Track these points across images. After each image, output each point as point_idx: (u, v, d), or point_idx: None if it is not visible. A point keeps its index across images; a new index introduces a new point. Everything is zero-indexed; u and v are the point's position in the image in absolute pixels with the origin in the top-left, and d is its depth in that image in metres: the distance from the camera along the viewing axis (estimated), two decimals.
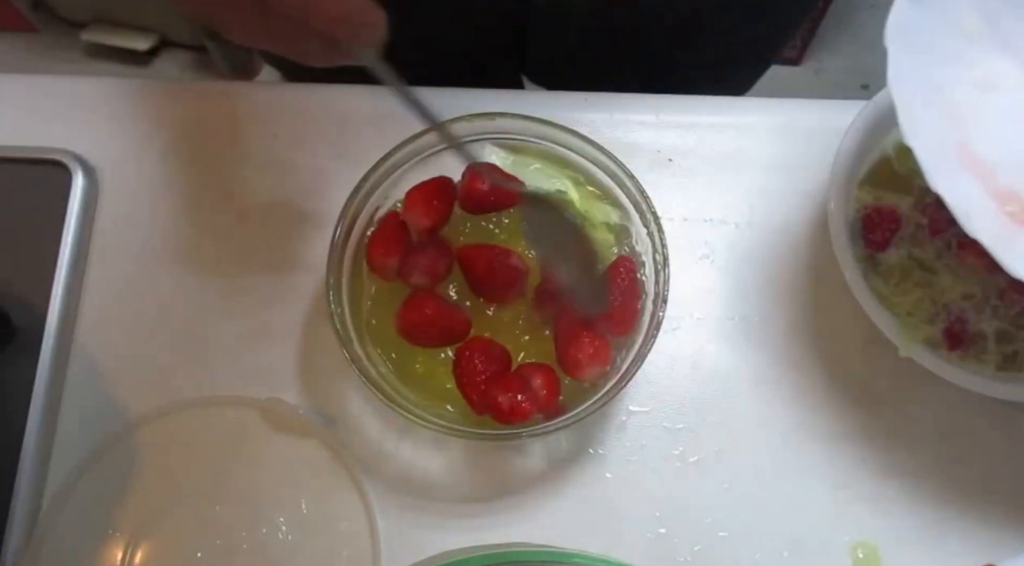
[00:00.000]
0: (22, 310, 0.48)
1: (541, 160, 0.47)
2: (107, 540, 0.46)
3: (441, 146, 0.46)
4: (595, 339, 0.43)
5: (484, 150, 0.47)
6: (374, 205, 0.46)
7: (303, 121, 0.53)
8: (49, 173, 0.50)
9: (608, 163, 0.45)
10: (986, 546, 0.47)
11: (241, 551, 0.46)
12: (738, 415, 0.49)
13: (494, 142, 0.47)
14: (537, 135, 0.46)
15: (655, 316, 0.43)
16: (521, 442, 0.48)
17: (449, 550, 0.46)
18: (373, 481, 0.47)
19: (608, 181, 0.46)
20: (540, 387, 0.42)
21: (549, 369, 0.43)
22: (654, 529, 0.47)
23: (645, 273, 0.45)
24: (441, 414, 0.43)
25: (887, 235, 0.48)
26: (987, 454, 0.48)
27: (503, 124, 0.46)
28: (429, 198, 0.45)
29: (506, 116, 0.45)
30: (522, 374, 0.43)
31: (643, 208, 0.45)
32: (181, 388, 0.48)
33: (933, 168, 0.37)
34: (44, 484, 0.47)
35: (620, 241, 0.47)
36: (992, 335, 0.47)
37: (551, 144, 0.47)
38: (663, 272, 0.43)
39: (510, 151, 0.47)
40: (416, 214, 0.45)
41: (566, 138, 0.46)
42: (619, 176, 0.45)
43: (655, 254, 0.44)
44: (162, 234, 0.51)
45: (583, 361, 0.42)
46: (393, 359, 0.45)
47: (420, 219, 0.45)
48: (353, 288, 0.45)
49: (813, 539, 0.47)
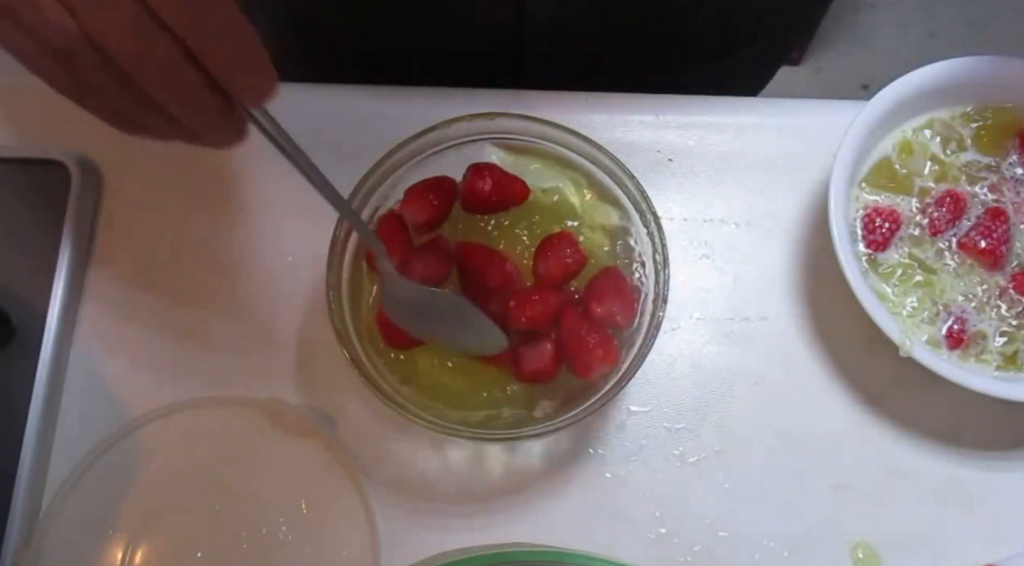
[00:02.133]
0: (22, 310, 0.48)
1: (541, 160, 0.47)
2: (107, 540, 0.46)
3: (443, 146, 0.46)
4: (603, 340, 0.43)
5: (484, 150, 0.47)
6: (374, 205, 0.46)
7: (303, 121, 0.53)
8: (49, 173, 0.50)
9: (608, 163, 0.45)
10: (986, 546, 0.47)
11: (241, 551, 0.46)
12: (738, 415, 0.49)
13: (494, 142, 0.47)
14: (537, 135, 0.46)
15: (655, 316, 0.43)
16: (520, 442, 0.48)
17: (449, 550, 0.46)
18: (373, 481, 0.47)
19: (608, 181, 0.46)
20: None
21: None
22: (654, 529, 0.47)
23: (645, 273, 0.45)
24: (440, 414, 0.43)
25: (887, 235, 0.48)
26: (987, 454, 0.48)
27: (503, 124, 0.46)
28: (426, 193, 0.45)
29: (506, 116, 0.45)
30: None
31: (643, 208, 0.45)
32: (181, 388, 0.48)
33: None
34: (44, 484, 0.47)
35: (617, 242, 0.46)
36: (992, 335, 0.47)
37: (551, 144, 0.47)
38: (663, 272, 0.43)
39: (510, 151, 0.47)
40: (412, 209, 0.45)
41: (566, 138, 0.46)
42: (619, 176, 0.45)
43: (655, 254, 0.44)
44: (162, 234, 0.51)
45: (593, 362, 0.43)
46: (392, 359, 0.45)
47: (416, 214, 0.45)
48: (353, 288, 0.45)
49: (813, 539, 0.47)
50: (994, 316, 0.47)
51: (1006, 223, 0.48)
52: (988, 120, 0.50)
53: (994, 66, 0.49)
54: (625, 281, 0.45)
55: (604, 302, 0.44)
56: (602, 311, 0.43)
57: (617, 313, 0.44)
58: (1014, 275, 0.48)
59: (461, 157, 0.47)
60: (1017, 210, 0.49)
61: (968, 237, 0.48)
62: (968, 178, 0.49)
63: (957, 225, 0.48)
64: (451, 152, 0.46)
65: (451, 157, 0.47)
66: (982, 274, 0.48)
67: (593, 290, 0.44)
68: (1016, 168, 0.49)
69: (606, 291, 0.44)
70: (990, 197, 0.49)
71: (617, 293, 0.44)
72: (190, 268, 0.51)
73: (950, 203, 0.48)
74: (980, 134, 0.50)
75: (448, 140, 0.46)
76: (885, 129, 0.49)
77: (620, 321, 0.44)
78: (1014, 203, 0.49)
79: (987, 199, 0.49)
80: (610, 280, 0.45)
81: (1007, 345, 0.47)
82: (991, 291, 0.47)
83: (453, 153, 0.47)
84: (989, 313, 0.47)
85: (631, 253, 0.46)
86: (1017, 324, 0.47)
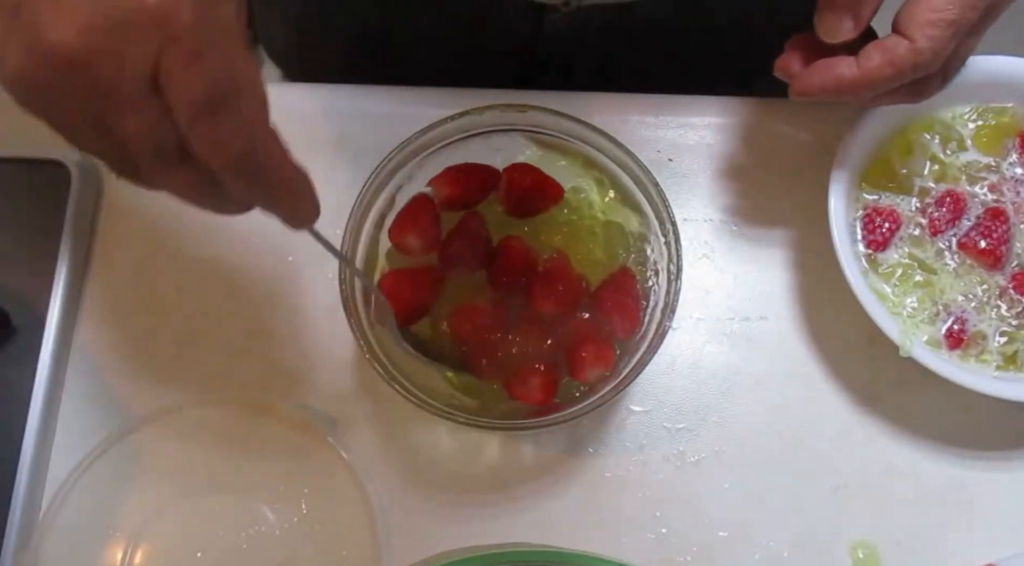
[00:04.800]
0: (22, 310, 0.48)
1: (568, 158, 0.47)
2: (107, 540, 0.46)
3: (472, 132, 0.46)
4: (600, 345, 0.43)
5: (514, 142, 0.47)
6: (397, 183, 0.46)
7: (303, 121, 0.53)
8: (49, 173, 0.50)
9: (634, 168, 0.45)
10: (986, 546, 0.47)
11: (241, 551, 0.46)
12: (738, 415, 0.49)
13: (524, 135, 0.47)
14: (566, 132, 0.46)
15: (661, 325, 0.42)
16: (516, 438, 0.48)
17: (449, 550, 0.46)
18: (374, 481, 0.47)
19: (632, 186, 0.46)
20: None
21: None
22: (654, 529, 0.47)
23: (658, 282, 0.45)
24: (454, 404, 0.43)
25: (887, 235, 0.48)
26: (987, 454, 0.48)
27: (534, 118, 0.46)
28: (459, 172, 0.46)
29: (538, 110, 0.45)
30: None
31: (663, 216, 0.44)
32: (181, 388, 0.48)
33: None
34: (44, 484, 0.47)
35: (632, 248, 0.46)
36: (992, 335, 0.47)
37: (579, 142, 0.46)
38: (675, 283, 0.43)
39: (539, 146, 0.47)
40: (440, 183, 0.45)
41: (595, 138, 0.45)
42: (643, 182, 0.45)
43: (669, 263, 0.44)
44: (162, 234, 0.51)
45: (586, 366, 0.43)
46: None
47: (443, 187, 0.45)
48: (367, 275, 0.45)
49: (813, 539, 0.47)
50: (994, 316, 0.47)
51: (1006, 223, 0.48)
52: (988, 120, 0.50)
53: (994, 66, 0.49)
54: (635, 289, 0.45)
55: (608, 313, 0.44)
56: (605, 320, 0.44)
57: (619, 327, 0.44)
58: (1014, 275, 0.48)
59: (488, 146, 0.46)
60: (1017, 210, 0.49)
61: (968, 237, 0.48)
62: (968, 178, 0.49)
63: (957, 225, 0.48)
64: (479, 140, 0.46)
65: (479, 145, 0.46)
66: (982, 274, 0.48)
67: (601, 297, 0.45)
68: (1016, 168, 0.49)
69: (612, 302, 0.44)
70: (990, 197, 0.49)
71: (622, 306, 0.44)
72: (190, 268, 0.51)
73: (950, 203, 0.48)
74: (980, 134, 0.50)
75: (478, 127, 0.46)
76: (885, 129, 0.49)
77: (621, 334, 0.44)
78: (1014, 203, 0.49)
79: (987, 199, 0.49)
80: (620, 289, 0.45)
81: (1007, 345, 0.47)
82: (991, 291, 0.47)
83: (481, 141, 0.46)
84: (989, 313, 0.47)
85: (646, 261, 0.46)
86: (1017, 324, 0.47)
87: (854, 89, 0.40)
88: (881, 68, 0.39)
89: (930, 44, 0.38)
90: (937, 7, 0.38)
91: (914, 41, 0.38)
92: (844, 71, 0.40)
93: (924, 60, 0.38)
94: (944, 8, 0.38)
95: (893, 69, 0.39)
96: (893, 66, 0.39)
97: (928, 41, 0.38)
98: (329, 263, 0.50)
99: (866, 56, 0.40)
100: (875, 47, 0.40)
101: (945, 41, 0.38)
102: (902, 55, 0.38)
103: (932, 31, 0.38)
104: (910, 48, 0.38)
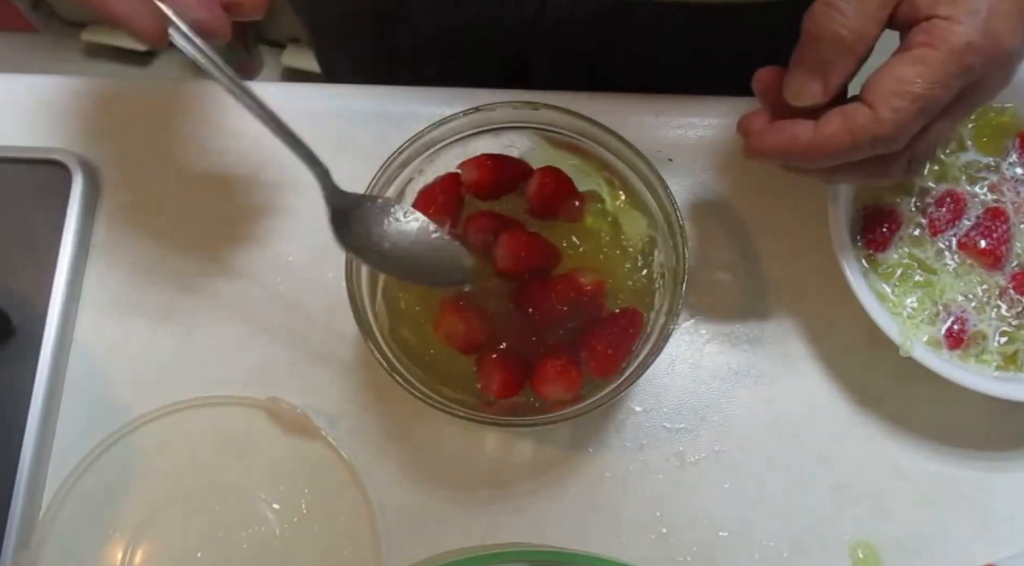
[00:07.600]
0: (22, 310, 0.48)
1: (580, 158, 0.47)
2: (107, 540, 0.46)
3: (484, 128, 0.46)
4: (568, 365, 0.42)
5: (525, 140, 0.47)
6: (407, 176, 0.46)
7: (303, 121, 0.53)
8: (49, 173, 0.50)
9: (645, 170, 0.45)
10: (986, 546, 0.47)
11: (241, 551, 0.46)
12: (738, 415, 0.49)
13: (535, 133, 0.47)
14: (578, 131, 0.46)
15: (666, 328, 0.42)
16: (516, 436, 0.48)
17: (449, 550, 0.46)
18: (374, 481, 0.47)
19: (642, 188, 0.46)
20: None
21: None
22: (654, 529, 0.47)
23: (664, 285, 0.45)
24: (457, 399, 0.43)
25: (887, 235, 0.48)
26: (987, 454, 0.48)
27: (547, 116, 0.46)
28: (492, 159, 0.46)
29: (550, 108, 0.45)
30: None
31: (672, 220, 0.44)
32: (181, 388, 0.48)
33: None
34: (44, 484, 0.47)
35: (639, 256, 0.46)
36: (992, 335, 0.47)
37: (591, 142, 0.46)
38: (680, 287, 0.43)
39: (551, 144, 0.47)
40: (471, 166, 0.45)
41: (606, 138, 0.45)
42: (653, 184, 0.45)
43: (677, 268, 0.44)
44: (162, 234, 0.51)
45: (549, 380, 0.42)
46: (409, 343, 0.44)
47: (473, 171, 0.45)
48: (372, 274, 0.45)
49: (813, 539, 0.47)
50: (994, 316, 0.47)
51: (1006, 223, 0.48)
52: (988, 120, 0.50)
53: None
54: (632, 336, 0.44)
55: (589, 351, 0.43)
56: (584, 356, 0.43)
57: (595, 368, 0.43)
58: (1014, 275, 0.48)
59: (499, 143, 0.47)
60: (1017, 210, 0.49)
61: (968, 237, 0.48)
62: (968, 178, 0.49)
63: (957, 225, 0.48)
64: (490, 136, 0.47)
65: (489, 141, 0.47)
66: (982, 274, 0.48)
67: (591, 335, 0.43)
68: (1016, 168, 0.49)
69: (599, 343, 0.43)
70: (990, 197, 0.49)
71: (607, 352, 0.43)
72: (189, 268, 0.51)
73: (950, 203, 0.48)
74: (980, 134, 0.50)
75: (490, 123, 0.46)
76: None
77: (596, 373, 0.43)
78: (1014, 203, 0.49)
79: (987, 199, 0.49)
80: (616, 329, 0.44)
81: (1007, 345, 0.47)
82: (991, 291, 0.47)
83: (492, 137, 0.47)
84: (989, 313, 0.47)
85: (652, 265, 0.46)
86: (1017, 324, 0.47)
87: (808, 154, 0.37)
88: (838, 134, 0.36)
89: (892, 116, 0.35)
90: (904, 78, 0.35)
91: (876, 110, 0.35)
92: (799, 133, 0.37)
93: (884, 133, 0.35)
94: (911, 80, 0.35)
95: (850, 137, 0.36)
96: (851, 134, 0.36)
97: (891, 112, 0.35)
98: (329, 263, 0.50)
99: (825, 120, 0.37)
100: (836, 112, 0.37)
101: (910, 116, 0.35)
102: (861, 124, 0.35)
103: (897, 102, 0.35)
104: (871, 117, 0.35)
